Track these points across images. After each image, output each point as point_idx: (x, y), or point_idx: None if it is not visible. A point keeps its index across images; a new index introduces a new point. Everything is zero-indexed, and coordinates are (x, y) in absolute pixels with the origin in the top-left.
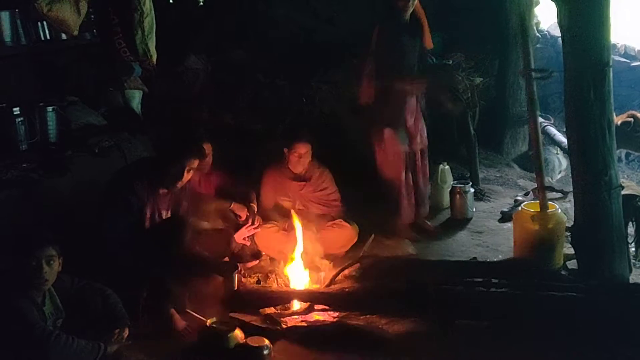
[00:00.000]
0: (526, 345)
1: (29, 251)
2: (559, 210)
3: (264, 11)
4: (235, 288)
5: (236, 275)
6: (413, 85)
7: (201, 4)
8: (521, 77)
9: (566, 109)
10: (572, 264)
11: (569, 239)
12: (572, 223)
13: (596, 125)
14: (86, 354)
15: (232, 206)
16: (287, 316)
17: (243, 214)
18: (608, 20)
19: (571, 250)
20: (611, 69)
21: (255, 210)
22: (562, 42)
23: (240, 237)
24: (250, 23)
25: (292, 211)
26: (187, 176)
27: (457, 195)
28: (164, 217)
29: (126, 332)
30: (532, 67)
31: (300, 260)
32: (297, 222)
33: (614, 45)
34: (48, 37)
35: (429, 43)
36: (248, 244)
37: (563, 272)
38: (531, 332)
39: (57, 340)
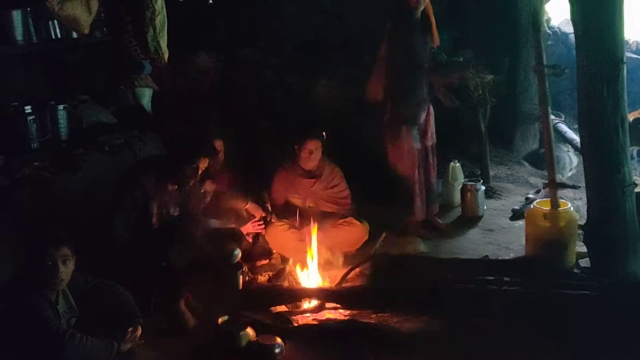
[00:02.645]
0: (538, 343)
1: (45, 251)
2: (572, 208)
3: (274, 9)
4: (240, 288)
5: (240, 276)
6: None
7: (211, 2)
8: (532, 74)
9: (579, 106)
10: (585, 262)
11: (582, 237)
12: (585, 221)
13: (609, 122)
14: (100, 352)
15: (247, 206)
16: (298, 314)
17: (257, 214)
18: (621, 16)
19: (584, 249)
20: (625, 66)
21: (270, 209)
22: (575, 38)
23: (245, 231)
24: (260, 21)
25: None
26: (199, 175)
27: (468, 193)
28: (172, 214)
29: (139, 330)
30: (545, 63)
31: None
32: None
33: (626, 41)
34: (59, 35)
35: (436, 40)
36: (250, 240)
37: (575, 271)
38: (543, 331)
39: (71, 339)
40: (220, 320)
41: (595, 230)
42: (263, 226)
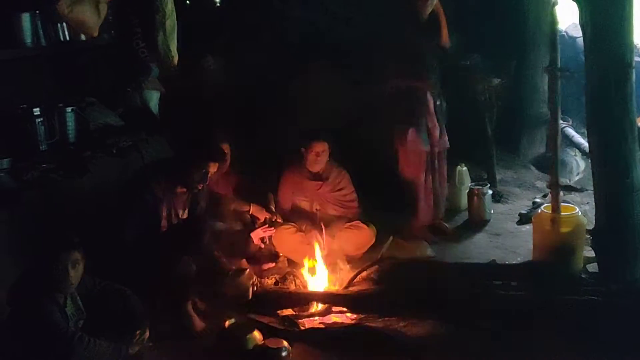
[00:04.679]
0: (545, 348)
1: (56, 255)
2: (579, 213)
3: (280, 12)
4: (249, 297)
5: (250, 285)
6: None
7: (217, 4)
8: (539, 78)
9: (587, 110)
10: (592, 267)
11: (589, 241)
12: (592, 226)
13: (618, 127)
14: (108, 355)
15: (251, 209)
16: (305, 318)
17: (262, 216)
18: (631, 21)
19: (591, 254)
20: (634, 70)
21: (274, 210)
22: (584, 42)
23: (256, 237)
24: (266, 24)
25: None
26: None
27: (475, 197)
28: (180, 217)
29: (147, 334)
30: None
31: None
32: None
33: (635, 45)
34: (67, 38)
35: (445, 39)
36: (262, 246)
37: (583, 276)
38: (550, 336)
39: (80, 342)
40: (227, 323)
41: (603, 235)
42: (272, 230)
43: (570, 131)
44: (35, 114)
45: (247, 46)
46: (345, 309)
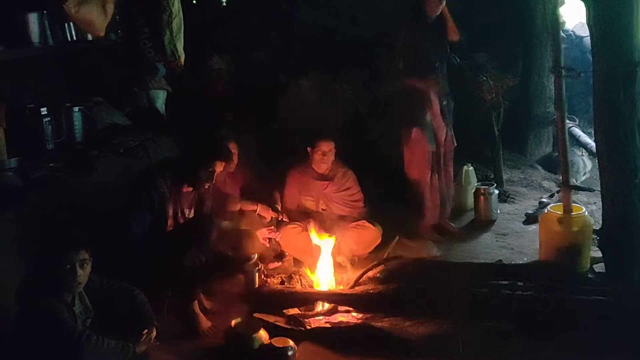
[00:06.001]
0: (551, 349)
1: (65, 254)
2: (586, 213)
3: (287, 11)
4: (256, 286)
5: (257, 272)
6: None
7: (224, 4)
8: (545, 78)
9: (595, 110)
10: (600, 267)
11: (596, 241)
12: (599, 225)
13: (626, 126)
14: (116, 355)
15: (257, 208)
16: (311, 317)
17: (268, 215)
18: (638, 20)
19: (598, 253)
20: None
21: (280, 209)
22: (591, 42)
23: (261, 236)
24: (273, 23)
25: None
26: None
27: (482, 197)
28: (187, 216)
29: (154, 333)
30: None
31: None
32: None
33: None
34: (74, 38)
35: (454, 33)
36: (267, 245)
37: (590, 276)
38: (557, 336)
39: (88, 340)
40: (233, 322)
41: (611, 236)
42: (277, 234)
43: (577, 131)
44: (42, 113)
45: (254, 46)
46: (351, 309)
